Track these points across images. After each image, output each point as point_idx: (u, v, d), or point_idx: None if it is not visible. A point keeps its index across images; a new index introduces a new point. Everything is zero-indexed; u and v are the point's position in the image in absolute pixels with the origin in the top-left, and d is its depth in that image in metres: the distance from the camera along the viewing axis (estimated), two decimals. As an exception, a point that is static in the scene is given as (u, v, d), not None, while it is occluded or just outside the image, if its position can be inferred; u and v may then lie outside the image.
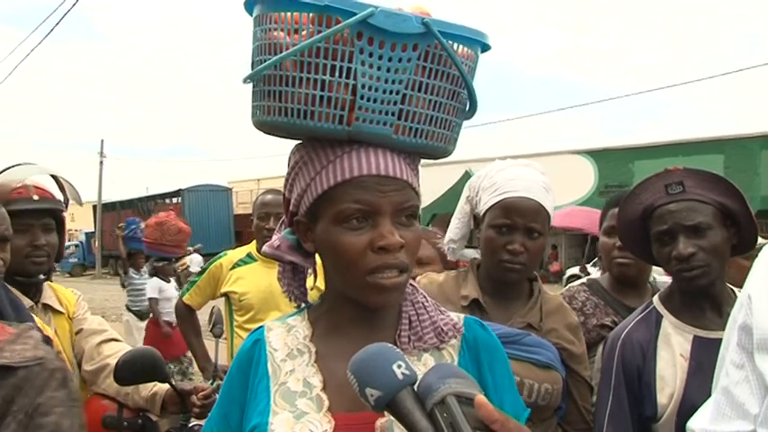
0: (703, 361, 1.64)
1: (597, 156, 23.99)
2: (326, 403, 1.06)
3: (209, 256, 3.53)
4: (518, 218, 1.75)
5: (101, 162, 35.93)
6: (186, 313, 3.63)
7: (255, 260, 3.42)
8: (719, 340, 1.64)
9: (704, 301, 1.73)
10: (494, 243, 1.78)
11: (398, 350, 0.97)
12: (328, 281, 1.16)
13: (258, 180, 33.22)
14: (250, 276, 3.36)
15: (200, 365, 3.58)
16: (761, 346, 0.91)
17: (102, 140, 36.44)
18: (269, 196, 3.42)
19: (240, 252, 3.52)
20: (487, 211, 1.81)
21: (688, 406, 1.63)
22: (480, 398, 0.89)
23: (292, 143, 1.16)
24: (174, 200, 28.69)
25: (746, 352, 0.93)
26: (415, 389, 0.92)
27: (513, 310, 1.82)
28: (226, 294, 3.42)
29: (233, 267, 3.43)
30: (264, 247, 1.21)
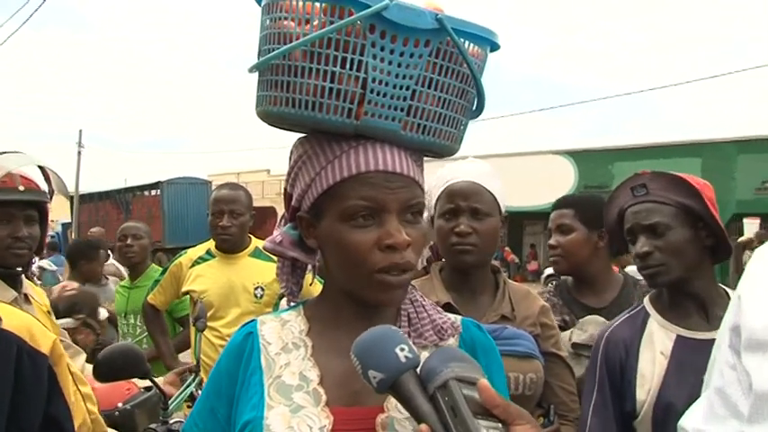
0: (684, 360, 1.68)
1: (577, 156, 24.16)
2: (324, 398, 1.04)
3: (188, 249, 3.53)
4: (460, 200, 1.78)
5: (79, 152, 35.48)
6: (152, 313, 3.60)
7: (214, 257, 3.38)
8: (704, 341, 1.66)
9: (688, 302, 1.76)
10: (442, 230, 1.82)
11: (402, 333, 0.96)
12: (329, 277, 1.14)
13: (238, 174, 33.01)
14: (209, 274, 3.33)
15: (167, 364, 3.54)
16: (748, 345, 0.93)
17: (81, 131, 35.99)
18: (223, 191, 3.37)
19: (200, 249, 3.47)
20: (436, 204, 1.86)
21: (663, 403, 1.67)
22: (483, 382, 0.89)
23: (275, 137, 1.16)
24: (153, 192, 28.40)
25: (737, 353, 0.95)
26: (418, 372, 0.93)
27: (483, 305, 1.84)
28: (187, 293, 3.39)
29: (192, 265, 3.39)
30: (266, 243, 1.19)
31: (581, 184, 23.56)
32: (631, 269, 2.39)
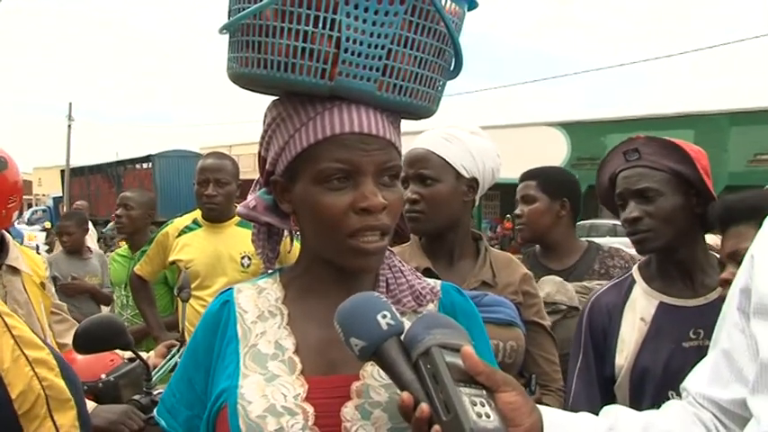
0: (663, 326, 1.69)
1: (570, 128, 24.11)
2: (299, 366, 1.03)
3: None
4: (408, 168, 1.80)
5: (69, 126, 35.23)
6: (138, 283, 3.58)
7: (201, 226, 3.37)
8: (685, 308, 1.70)
9: (674, 269, 1.75)
10: None
11: (385, 299, 0.95)
12: (304, 243, 1.12)
13: (230, 146, 32.76)
14: (195, 243, 3.31)
15: (155, 335, 3.53)
16: (757, 310, 0.88)
17: (71, 104, 35.74)
18: (209, 161, 3.34)
19: (186, 219, 3.45)
20: None
21: (639, 369, 1.69)
22: (466, 349, 0.88)
23: (264, 107, 1.11)
24: (145, 165, 28.29)
25: (746, 316, 0.90)
26: (402, 339, 0.91)
27: (463, 270, 1.84)
28: (174, 263, 3.37)
29: (179, 235, 3.37)
30: (239, 208, 1.17)
31: (573, 155, 23.54)
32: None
